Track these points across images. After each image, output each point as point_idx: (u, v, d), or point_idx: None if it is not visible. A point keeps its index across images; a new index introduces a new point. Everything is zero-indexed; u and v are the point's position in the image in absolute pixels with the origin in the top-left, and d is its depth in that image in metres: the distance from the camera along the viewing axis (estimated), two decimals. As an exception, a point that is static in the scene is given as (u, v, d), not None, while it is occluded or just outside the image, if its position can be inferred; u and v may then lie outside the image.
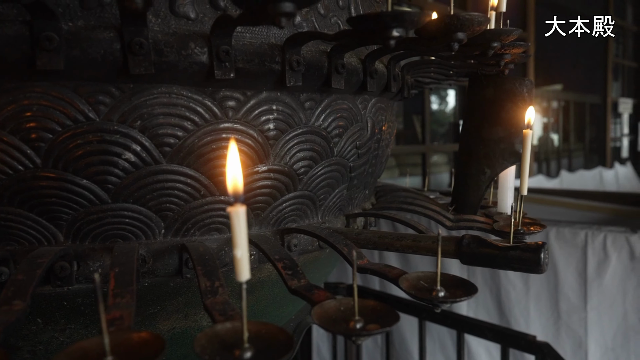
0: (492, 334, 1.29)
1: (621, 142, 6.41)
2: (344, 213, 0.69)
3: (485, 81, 0.74)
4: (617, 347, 1.69)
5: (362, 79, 0.59)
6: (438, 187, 3.86)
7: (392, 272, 0.46)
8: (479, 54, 0.51)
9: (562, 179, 4.78)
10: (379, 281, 2.21)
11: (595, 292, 1.71)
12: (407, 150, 3.85)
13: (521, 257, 0.48)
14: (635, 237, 1.62)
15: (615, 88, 6.29)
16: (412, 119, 4.04)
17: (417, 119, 4.01)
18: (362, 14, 0.38)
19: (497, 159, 0.75)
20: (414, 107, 3.87)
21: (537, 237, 1.82)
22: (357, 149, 0.64)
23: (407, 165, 3.96)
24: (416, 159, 3.88)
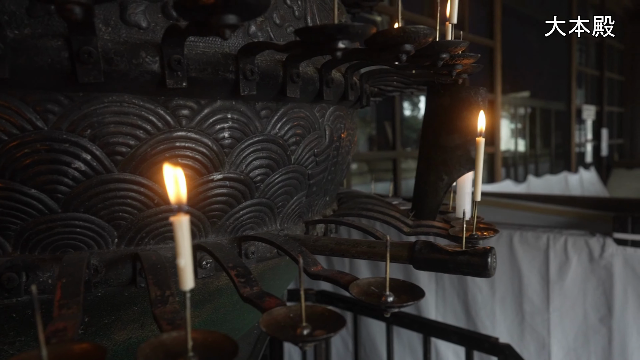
0: (457, 337, 1.32)
1: (585, 147, 6.64)
2: (303, 220, 0.70)
3: (442, 90, 0.77)
4: (579, 347, 1.74)
5: (318, 88, 0.60)
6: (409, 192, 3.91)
7: (344, 278, 0.47)
8: (429, 65, 0.53)
9: (530, 183, 4.92)
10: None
11: (557, 294, 1.77)
12: (378, 156, 3.89)
13: (470, 262, 0.50)
14: (593, 239, 1.68)
15: (579, 95, 6.53)
16: (384, 125, 4.09)
17: (389, 125, 4.06)
18: (307, 26, 0.38)
19: (454, 166, 0.78)
20: (386, 113, 3.91)
21: (502, 240, 1.85)
22: (315, 157, 0.64)
23: (379, 171, 4.00)
24: (388, 165, 3.92)
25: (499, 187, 4.54)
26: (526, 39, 5.82)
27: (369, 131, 4.14)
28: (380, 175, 3.98)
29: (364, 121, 4.16)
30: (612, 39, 7.14)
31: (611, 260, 1.65)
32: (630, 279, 1.62)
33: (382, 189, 3.84)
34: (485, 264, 0.49)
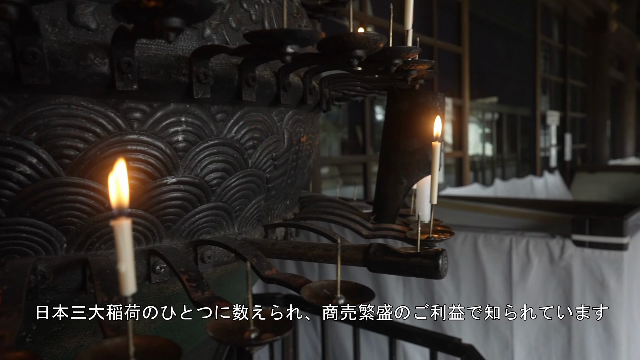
0: (421, 338, 1.34)
1: (550, 152, 6.86)
2: (262, 224, 0.70)
3: (401, 95, 0.78)
4: (540, 346, 1.80)
5: (275, 92, 0.60)
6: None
7: (297, 281, 0.47)
8: (382, 70, 0.54)
9: (497, 187, 5.03)
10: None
11: (519, 295, 1.82)
12: (349, 160, 3.92)
13: (421, 264, 0.51)
14: (553, 241, 1.74)
15: (544, 101, 6.74)
16: (355, 129, 4.12)
17: (361, 129, 4.10)
18: (256, 30, 0.39)
19: (414, 170, 0.79)
20: (358, 117, 3.95)
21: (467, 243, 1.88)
22: (273, 161, 0.64)
23: (350, 175, 4.03)
24: (359, 169, 3.96)
25: (467, 190, 4.64)
26: (494, 47, 5.98)
27: (341, 135, 4.17)
28: (352, 179, 4.01)
29: (336, 125, 4.19)
30: (575, 47, 7.42)
31: (570, 261, 1.70)
32: (587, 279, 1.68)
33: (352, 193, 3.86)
34: (436, 266, 0.50)
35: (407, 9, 0.62)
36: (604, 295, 1.64)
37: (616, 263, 1.62)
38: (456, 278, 1.96)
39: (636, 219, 2.09)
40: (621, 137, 9.84)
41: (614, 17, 8.00)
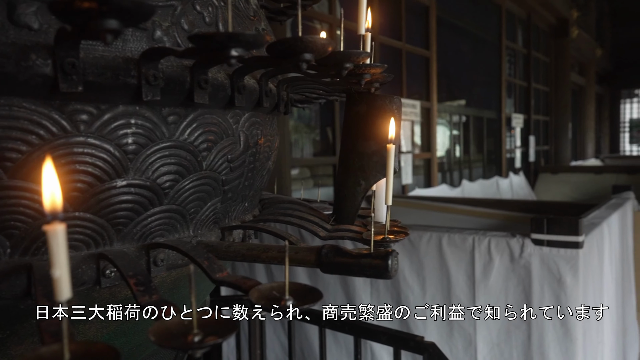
0: (385, 337, 1.36)
1: (515, 153, 7.06)
2: (219, 226, 0.69)
3: (358, 98, 0.79)
4: (502, 342, 1.85)
5: (230, 95, 0.60)
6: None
7: (247, 283, 0.47)
8: (334, 74, 0.54)
9: (464, 188, 5.14)
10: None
11: (482, 293, 1.86)
12: (320, 162, 3.94)
13: (372, 264, 0.52)
14: (514, 240, 1.79)
15: (509, 104, 6.94)
16: (326, 131, 4.15)
17: (331, 130, 4.13)
18: (199, 33, 0.39)
19: (371, 172, 0.80)
20: (330, 119, 3.98)
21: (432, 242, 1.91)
22: (229, 163, 0.64)
23: (322, 177, 4.05)
24: (330, 170, 3.98)
25: (436, 191, 4.73)
26: (461, 51, 6.13)
27: (313, 137, 4.19)
28: (323, 180, 4.03)
29: (309, 127, 4.20)
30: (538, 52, 7.67)
31: (529, 259, 1.76)
32: (546, 277, 1.74)
33: (324, 194, 3.89)
34: (386, 266, 0.51)
35: (359, 14, 0.63)
36: (561, 291, 1.70)
37: (572, 260, 1.68)
38: (421, 277, 2.00)
39: (592, 218, 2.18)
40: (582, 139, 10.23)
41: (574, 24, 8.32)
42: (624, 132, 14.26)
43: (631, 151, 14.03)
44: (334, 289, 2.25)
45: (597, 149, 12.21)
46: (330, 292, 2.25)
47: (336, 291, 2.24)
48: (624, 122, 14.25)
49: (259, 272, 2.41)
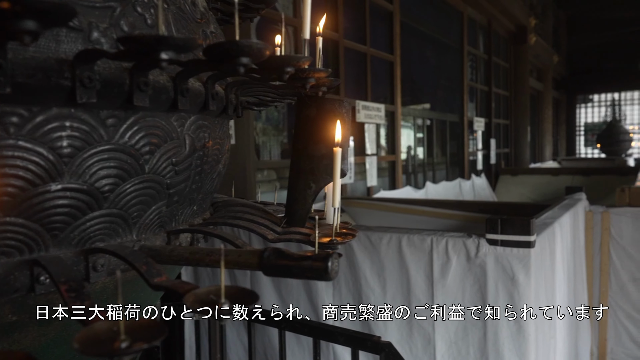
0: (343, 338, 1.37)
1: (476, 156, 7.25)
2: (165, 230, 0.69)
3: (308, 101, 0.80)
4: (459, 340, 1.89)
5: (173, 97, 0.59)
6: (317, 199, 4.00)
7: (184, 287, 0.47)
8: (276, 77, 0.55)
9: (428, 189, 5.25)
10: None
11: (440, 292, 1.91)
12: (284, 164, 3.94)
13: (312, 267, 0.52)
14: (470, 240, 1.84)
15: (471, 108, 7.13)
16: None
17: (296, 133, 4.13)
18: (128, 35, 0.38)
19: (321, 174, 0.81)
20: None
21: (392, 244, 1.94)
22: (174, 166, 0.64)
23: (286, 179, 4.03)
24: (295, 172, 3.96)
25: (400, 193, 4.80)
26: (425, 56, 6.26)
27: (281, 139, 4.18)
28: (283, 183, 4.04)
29: (277, 129, 4.19)
30: (498, 58, 7.92)
31: (485, 259, 1.81)
32: (500, 276, 1.79)
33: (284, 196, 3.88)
34: (325, 268, 0.52)
35: (304, 20, 0.63)
36: (514, 290, 1.76)
37: (524, 259, 1.74)
38: (382, 278, 2.03)
39: (545, 218, 2.27)
40: (540, 142, 10.63)
41: (533, 31, 8.64)
42: (579, 136, 14.91)
43: (586, 154, 14.69)
44: (297, 290, 2.25)
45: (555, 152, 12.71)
46: (293, 294, 2.25)
47: (299, 293, 2.24)
48: (580, 126, 14.91)
49: (241, 278, 2.38)
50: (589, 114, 14.95)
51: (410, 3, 5.61)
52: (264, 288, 2.30)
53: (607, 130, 12.35)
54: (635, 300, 2.90)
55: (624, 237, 2.92)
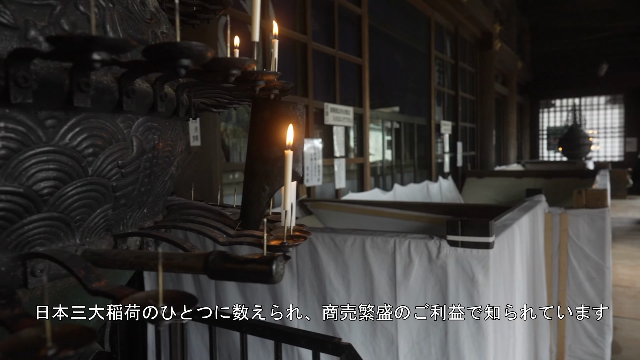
0: (304, 340, 1.37)
1: (444, 159, 7.40)
2: (112, 233, 0.67)
3: (263, 104, 0.80)
4: (421, 340, 1.92)
5: (117, 98, 0.58)
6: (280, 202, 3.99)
7: (122, 292, 0.46)
8: (221, 80, 0.55)
9: (396, 191, 5.31)
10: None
11: (403, 293, 1.93)
12: (249, 166, 3.92)
13: (256, 270, 0.52)
14: (431, 242, 1.88)
15: (438, 112, 7.27)
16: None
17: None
18: (59, 35, 0.37)
19: (275, 177, 0.81)
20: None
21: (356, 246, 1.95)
22: (120, 169, 0.62)
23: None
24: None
25: (368, 195, 4.85)
26: (394, 59, 6.35)
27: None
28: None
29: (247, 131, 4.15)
30: (465, 63, 8.11)
31: (446, 260, 1.85)
32: (460, 276, 1.84)
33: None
34: (270, 271, 0.52)
35: (253, 23, 0.63)
36: (474, 289, 1.81)
37: (483, 260, 1.79)
38: (346, 280, 2.04)
39: (505, 220, 2.34)
40: (505, 146, 10.93)
41: (497, 38, 8.89)
42: (542, 139, 15.44)
43: (549, 157, 15.21)
44: (262, 293, 2.24)
45: (519, 155, 13.11)
46: (257, 296, 2.25)
47: (264, 295, 2.23)
48: (542, 130, 15.44)
49: (205, 281, 2.35)
50: (551, 119, 15.50)
51: (379, 7, 5.69)
52: (229, 290, 2.28)
53: (568, 134, 12.83)
54: (591, 298, 3.02)
55: (580, 237, 3.04)
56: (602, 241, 2.97)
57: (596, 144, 14.02)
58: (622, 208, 10.10)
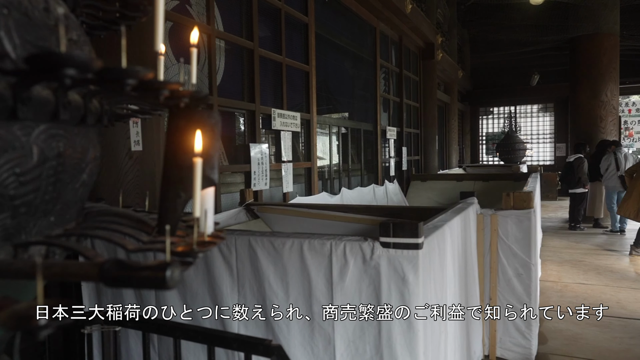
0: (236, 343, 1.38)
1: (389, 163, 7.60)
2: (12, 242, 0.66)
3: (177, 112, 0.81)
4: (357, 339, 1.98)
5: (11, 106, 0.58)
6: (233, 205, 3.97)
7: (2, 303, 0.46)
8: (117, 89, 0.56)
9: (343, 195, 5.40)
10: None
11: (339, 294, 1.98)
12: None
13: (150, 277, 0.53)
14: (365, 244, 1.94)
15: (384, 118, 7.46)
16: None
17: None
18: None
19: (191, 184, 0.82)
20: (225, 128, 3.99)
21: (294, 249, 1.97)
22: (18, 177, 0.62)
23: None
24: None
25: (315, 198, 4.90)
26: (342, 67, 6.47)
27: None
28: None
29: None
30: (409, 72, 8.39)
31: (379, 261, 1.92)
32: (392, 276, 1.91)
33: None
34: (163, 278, 0.53)
35: (156, 31, 0.65)
36: (405, 289, 1.88)
37: (413, 260, 1.87)
38: (285, 282, 2.07)
39: (437, 221, 2.45)
40: (448, 150, 11.38)
41: (440, 48, 9.26)
42: (482, 144, 16.23)
43: (488, 161, 16.00)
44: (202, 297, 2.22)
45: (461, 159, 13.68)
46: (198, 300, 2.23)
47: (204, 299, 2.22)
48: (482, 136, 16.23)
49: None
50: (490, 125, 16.33)
51: (327, 17, 5.78)
52: (169, 295, 2.25)
53: (505, 140, 13.57)
54: (519, 293, 3.22)
55: (509, 236, 3.23)
56: (528, 240, 3.17)
57: (530, 149, 14.93)
58: (552, 209, 10.80)
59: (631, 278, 5.24)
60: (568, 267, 5.80)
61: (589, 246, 7.00)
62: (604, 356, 3.37)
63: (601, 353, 3.41)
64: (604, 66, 9.05)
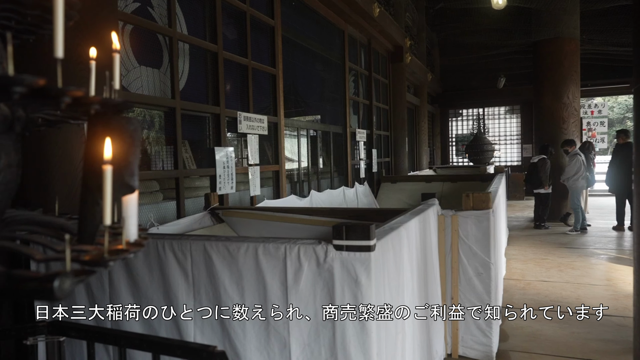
0: (181, 350, 1.37)
1: (359, 165, 7.66)
2: None
3: (96, 119, 0.80)
4: (312, 342, 1.99)
5: None
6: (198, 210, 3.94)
7: None
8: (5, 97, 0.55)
9: (312, 197, 5.40)
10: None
11: (294, 298, 1.99)
12: (164, 175, 3.86)
13: (38, 288, 0.53)
14: (319, 247, 1.95)
15: (354, 120, 7.52)
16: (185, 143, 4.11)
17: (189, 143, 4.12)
18: None
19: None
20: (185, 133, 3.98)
21: (249, 253, 1.96)
22: None
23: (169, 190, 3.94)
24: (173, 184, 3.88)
25: (284, 202, 4.89)
26: (311, 70, 6.49)
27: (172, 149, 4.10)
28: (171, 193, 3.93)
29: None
30: (378, 74, 8.48)
31: (332, 263, 1.93)
32: (345, 279, 1.93)
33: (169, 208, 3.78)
34: (51, 289, 0.53)
35: (56, 36, 0.64)
36: (358, 291, 1.90)
37: (366, 262, 1.89)
38: (240, 287, 2.06)
39: (394, 223, 2.48)
40: (418, 152, 11.54)
41: (408, 51, 9.39)
42: (452, 146, 16.53)
43: (457, 162, 16.31)
44: (157, 302, 2.19)
45: (431, 161, 13.91)
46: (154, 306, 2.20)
47: (159, 303, 2.19)
48: (452, 137, 16.54)
49: (100, 294, 2.23)
50: (459, 127, 16.64)
51: (294, 20, 5.80)
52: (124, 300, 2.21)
53: (474, 141, 13.85)
54: (479, 292, 3.29)
55: (469, 236, 3.30)
56: (487, 240, 3.25)
57: (498, 150, 15.29)
58: (519, 208, 11.09)
59: (590, 275, 5.42)
60: (532, 265, 5.96)
61: (552, 244, 7.21)
62: (562, 351, 3.47)
63: (559, 349, 3.51)
64: (566, 69, 9.35)
